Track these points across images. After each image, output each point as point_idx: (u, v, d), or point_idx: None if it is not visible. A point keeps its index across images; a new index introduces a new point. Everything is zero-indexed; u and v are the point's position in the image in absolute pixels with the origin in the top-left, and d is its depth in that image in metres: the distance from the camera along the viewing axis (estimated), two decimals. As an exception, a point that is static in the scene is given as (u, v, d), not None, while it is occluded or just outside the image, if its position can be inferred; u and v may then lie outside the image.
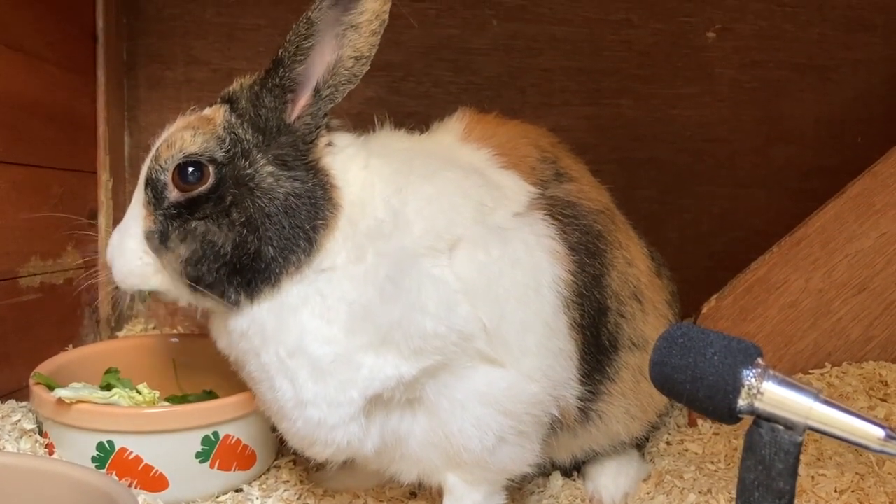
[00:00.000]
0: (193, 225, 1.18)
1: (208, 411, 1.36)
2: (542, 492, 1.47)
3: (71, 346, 1.76)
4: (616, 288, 1.35)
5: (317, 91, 1.20)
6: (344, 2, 1.17)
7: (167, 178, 1.20)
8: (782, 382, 0.74)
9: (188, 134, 1.21)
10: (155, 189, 1.21)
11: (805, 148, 2.29)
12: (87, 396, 1.33)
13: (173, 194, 1.19)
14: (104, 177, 1.97)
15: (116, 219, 2.00)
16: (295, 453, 1.44)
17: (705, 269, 2.17)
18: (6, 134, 1.59)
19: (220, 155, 1.19)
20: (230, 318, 1.22)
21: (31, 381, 1.40)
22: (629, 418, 1.40)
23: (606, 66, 2.20)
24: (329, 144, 1.24)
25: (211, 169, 1.18)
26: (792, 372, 1.77)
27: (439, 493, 1.31)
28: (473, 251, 1.19)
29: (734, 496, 0.77)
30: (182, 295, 1.25)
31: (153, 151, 1.24)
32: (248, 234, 1.18)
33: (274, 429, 1.31)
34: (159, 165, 1.21)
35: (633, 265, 1.40)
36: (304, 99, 1.21)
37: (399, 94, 2.15)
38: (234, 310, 1.21)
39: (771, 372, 0.75)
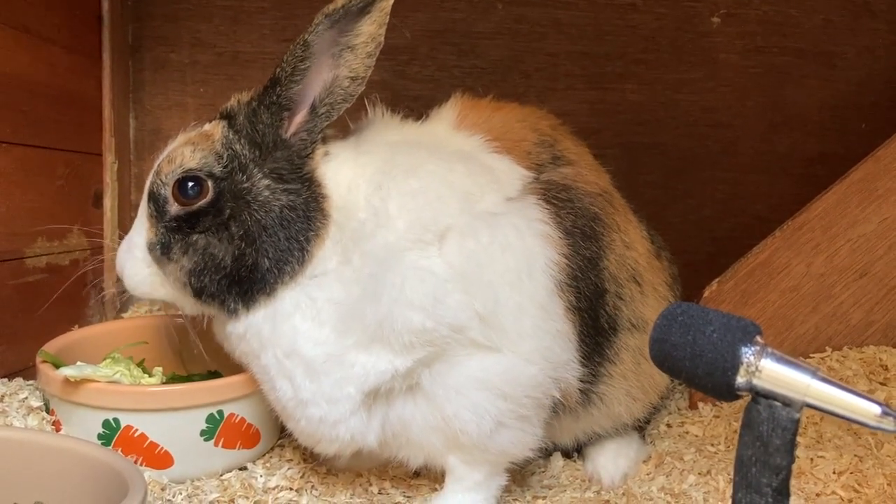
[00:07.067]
0: (194, 238, 1.24)
1: (213, 390, 1.37)
2: (543, 472, 1.49)
3: (77, 326, 1.77)
4: (614, 270, 1.35)
5: (313, 108, 1.24)
6: (340, 25, 1.20)
7: (168, 192, 1.25)
8: (780, 360, 0.75)
9: (188, 150, 1.25)
10: (157, 202, 1.26)
11: (809, 134, 2.28)
12: (90, 375, 1.35)
13: (174, 208, 1.24)
14: (109, 159, 1.98)
15: (121, 201, 2.02)
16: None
17: (707, 254, 2.17)
18: (12, 115, 1.60)
19: (218, 170, 1.24)
20: (228, 323, 1.29)
21: (38, 360, 1.42)
22: (630, 399, 1.41)
23: (611, 50, 2.19)
24: (326, 154, 1.27)
25: (209, 184, 1.23)
26: (793, 355, 1.77)
27: (443, 474, 1.32)
28: (463, 240, 1.20)
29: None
30: (187, 305, 1.31)
31: (155, 166, 1.29)
32: (245, 246, 1.23)
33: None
34: (160, 180, 1.26)
35: (632, 248, 1.40)
36: (300, 116, 1.25)
37: (404, 78, 2.15)
38: (232, 317, 1.27)
39: (769, 349, 0.76)
